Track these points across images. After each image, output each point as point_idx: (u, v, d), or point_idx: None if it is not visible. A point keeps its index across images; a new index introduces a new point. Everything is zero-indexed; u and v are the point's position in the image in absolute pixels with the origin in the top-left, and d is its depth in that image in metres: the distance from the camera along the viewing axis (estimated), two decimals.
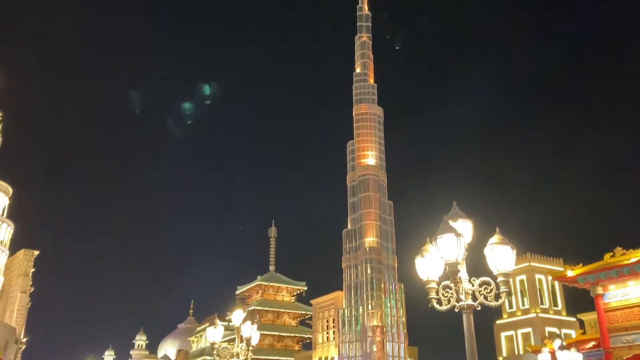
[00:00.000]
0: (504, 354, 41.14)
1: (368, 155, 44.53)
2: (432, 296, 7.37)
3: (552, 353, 19.45)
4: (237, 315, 13.64)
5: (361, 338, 39.26)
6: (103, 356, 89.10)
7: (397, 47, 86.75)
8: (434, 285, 7.42)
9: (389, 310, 40.04)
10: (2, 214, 56.35)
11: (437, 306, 7.39)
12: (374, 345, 38.20)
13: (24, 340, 56.38)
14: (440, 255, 7.17)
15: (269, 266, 65.46)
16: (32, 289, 63.89)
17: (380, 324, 38.97)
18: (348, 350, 39.93)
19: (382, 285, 40.36)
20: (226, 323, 21.07)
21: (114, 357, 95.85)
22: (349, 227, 43.69)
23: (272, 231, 68.09)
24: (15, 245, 59.74)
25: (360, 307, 40.25)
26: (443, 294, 7.39)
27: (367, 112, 45.27)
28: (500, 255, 7.19)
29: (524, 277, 40.88)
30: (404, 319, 40.53)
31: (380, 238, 42.04)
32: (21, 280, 61.80)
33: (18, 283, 61.50)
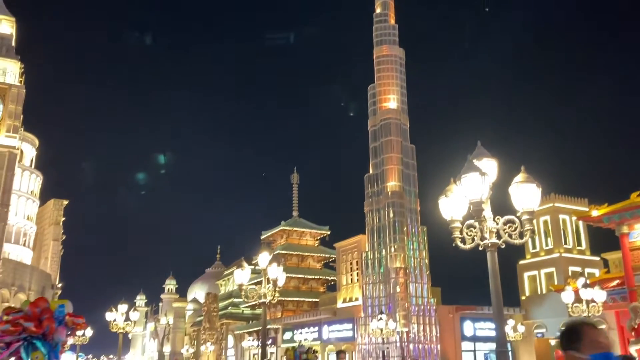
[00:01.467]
0: (527, 294, 41.61)
1: (389, 98, 43.95)
2: (456, 235, 7.42)
3: (576, 291, 19.59)
4: (263, 258, 13.95)
5: (384, 279, 39.94)
6: (135, 300, 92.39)
7: None
8: (457, 224, 7.45)
9: (411, 252, 40.48)
10: (30, 165, 57.59)
11: (461, 245, 7.45)
12: (397, 286, 38.87)
13: (59, 285, 58.70)
14: (465, 194, 7.17)
15: (292, 212, 66.27)
16: (64, 237, 66.05)
17: (403, 266, 39.52)
18: (372, 291, 40.73)
19: (405, 229, 40.66)
20: (252, 267, 21.52)
21: (145, 301, 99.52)
22: (371, 172, 43.70)
23: (295, 177, 68.57)
24: (44, 196, 61.37)
25: (383, 250, 40.76)
26: (467, 233, 7.43)
27: (388, 54, 44.34)
28: (525, 193, 7.16)
29: (547, 217, 40.77)
30: (426, 260, 40.98)
31: (403, 182, 42.03)
32: (53, 229, 63.84)
33: (50, 232, 63.54)
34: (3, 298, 44.59)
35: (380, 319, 31.43)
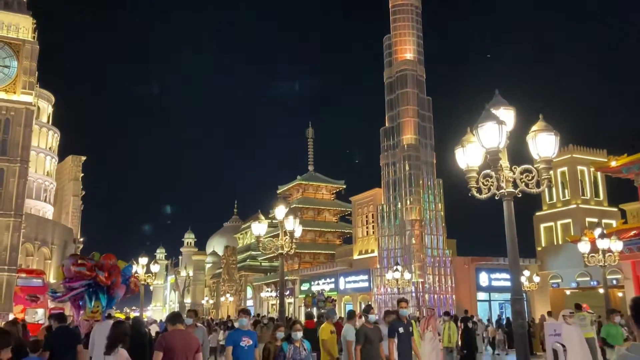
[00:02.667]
0: (543, 245, 41.70)
1: (405, 49, 43.11)
2: (472, 185, 7.38)
3: (592, 242, 19.57)
4: (279, 211, 14.08)
5: (400, 232, 40.21)
6: (155, 254, 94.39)
7: None
8: (474, 174, 7.41)
9: (427, 205, 40.53)
10: (47, 122, 58.01)
11: (477, 195, 7.43)
12: (413, 238, 39.14)
13: (81, 240, 60.07)
14: (481, 144, 7.10)
15: (308, 166, 66.44)
16: (83, 193, 67.07)
17: (418, 218, 39.68)
18: (387, 243, 41.10)
19: (421, 181, 40.60)
20: (269, 220, 21.75)
21: (165, 254, 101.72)
22: (387, 124, 43.35)
23: (310, 132, 68.43)
24: (62, 152, 62.03)
25: (399, 203, 40.87)
26: (483, 183, 7.39)
27: (403, 2, 43.25)
28: (543, 142, 7.07)
29: (565, 168, 40.38)
30: (442, 213, 41.06)
31: (419, 135, 41.69)
32: (72, 185, 64.83)
33: (70, 187, 64.56)
34: (27, 252, 45.80)
35: (396, 270, 31.83)
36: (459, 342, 17.94)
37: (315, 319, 16.67)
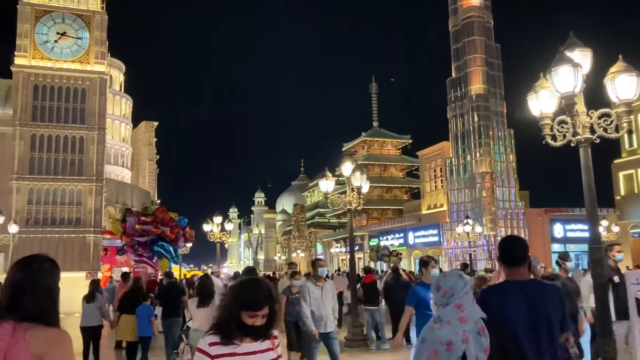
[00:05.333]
0: (622, 194, 39.82)
1: None
2: (546, 132, 7.11)
3: None
4: (346, 167, 14.11)
5: (470, 185, 39.47)
6: (228, 213, 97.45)
7: None
8: (548, 121, 7.13)
9: (497, 156, 39.44)
10: (120, 90, 60.22)
11: (551, 142, 7.15)
12: (483, 191, 38.37)
13: (158, 202, 62.78)
14: (556, 89, 6.79)
15: (372, 122, 65.87)
16: (158, 157, 69.77)
17: (489, 171, 38.73)
18: (457, 197, 40.51)
19: (490, 132, 39.43)
20: (336, 178, 21.92)
21: (238, 213, 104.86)
22: (453, 75, 42.09)
23: (373, 87, 67.56)
24: (136, 118, 64.41)
25: (468, 155, 39.97)
26: (558, 130, 7.10)
27: None
28: (623, 83, 6.67)
29: None
30: (514, 164, 39.87)
31: (487, 84, 40.28)
32: (147, 150, 67.50)
33: (145, 152, 67.27)
34: (110, 214, 48.47)
35: (467, 223, 31.42)
36: None
37: (375, 273, 16.86)
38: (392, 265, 23.79)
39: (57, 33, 42.67)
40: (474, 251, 36.17)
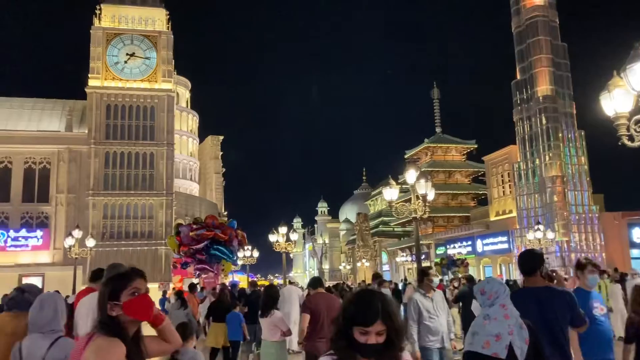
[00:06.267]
0: None
1: None
2: (622, 132, 6.77)
3: None
4: (410, 175, 13.93)
5: (539, 189, 38.11)
6: (292, 223, 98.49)
7: None
8: (623, 120, 6.78)
9: (568, 159, 37.91)
10: (186, 106, 62.27)
11: (628, 143, 6.80)
12: (554, 196, 36.93)
13: (225, 213, 64.28)
14: (631, 87, 6.46)
15: (435, 128, 64.94)
16: (224, 170, 71.57)
17: (559, 174, 37.27)
18: (526, 202, 39.19)
19: (560, 135, 37.99)
20: (399, 186, 21.72)
21: (302, 223, 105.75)
22: (518, 77, 40.92)
23: (435, 92, 66.61)
24: (202, 133, 66.37)
25: (537, 159, 38.64)
26: (635, 130, 6.75)
27: None
28: None
29: None
30: (586, 166, 38.20)
31: (555, 85, 38.89)
32: (213, 163, 69.40)
33: (211, 165, 69.17)
34: (176, 223, 50.01)
35: (538, 229, 30.30)
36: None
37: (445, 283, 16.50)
38: (458, 274, 23.30)
39: (127, 54, 44.74)
40: (547, 258, 34.83)
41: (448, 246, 49.70)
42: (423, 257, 50.40)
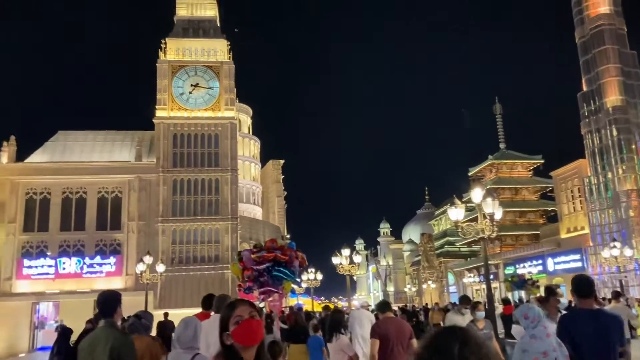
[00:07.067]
0: None
1: (598, 2, 38.83)
2: None
3: None
4: (476, 194, 13.66)
5: (613, 204, 36.35)
6: (354, 245, 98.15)
7: None
8: None
9: None
10: (248, 132, 63.72)
11: None
12: (630, 210, 35.10)
13: (288, 236, 64.86)
14: None
15: (499, 144, 63.41)
16: (285, 193, 72.47)
17: (635, 188, 35.46)
18: (599, 218, 37.44)
19: (633, 146, 36.26)
20: (464, 204, 21.34)
21: (364, 245, 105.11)
22: (584, 88, 39.52)
23: (497, 108, 65.18)
24: (263, 158, 67.62)
25: (609, 173, 36.97)
26: None
27: None
28: None
29: None
30: None
31: (625, 94, 37.29)
32: (275, 187, 70.41)
33: (273, 189, 70.20)
34: (238, 250, 50.87)
35: (614, 246, 28.85)
36: None
37: (514, 304, 15.88)
38: (535, 294, 22.41)
39: (191, 85, 46.44)
40: (625, 277, 33.02)
41: (517, 265, 48.06)
42: (492, 277, 48.94)
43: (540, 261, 44.88)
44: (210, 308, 6.92)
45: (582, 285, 4.92)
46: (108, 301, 4.52)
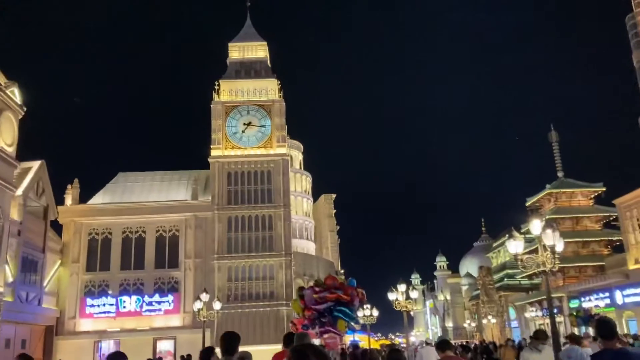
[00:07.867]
0: None
1: None
2: None
3: None
4: (535, 225, 13.23)
5: None
6: (410, 279, 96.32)
7: None
8: None
9: None
10: (300, 168, 64.38)
11: None
12: None
13: (342, 271, 64.41)
14: None
15: (557, 172, 61.47)
16: (338, 228, 72.25)
17: None
18: None
19: None
20: (522, 236, 20.70)
21: (420, 279, 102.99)
22: None
23: (553, 135, 63.43)
24: (315, 192, 67.96)
25: None
26: None
27: None
28: None
29: None
30: None
31: None
32: (327, 222, 70.40)
33: (325, 224, 70.18)
34: (299, 286, 50.76)
35: None
36: None
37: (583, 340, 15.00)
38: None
39: (244, 124, 47.60)
40: None
41: (582, 299, 45.85)
42: (555, 311, 46.82)
43: (607, 294, 42.68)
44: (289, 345, 7.38)
45: (605, 328, 5.28)
46: None
